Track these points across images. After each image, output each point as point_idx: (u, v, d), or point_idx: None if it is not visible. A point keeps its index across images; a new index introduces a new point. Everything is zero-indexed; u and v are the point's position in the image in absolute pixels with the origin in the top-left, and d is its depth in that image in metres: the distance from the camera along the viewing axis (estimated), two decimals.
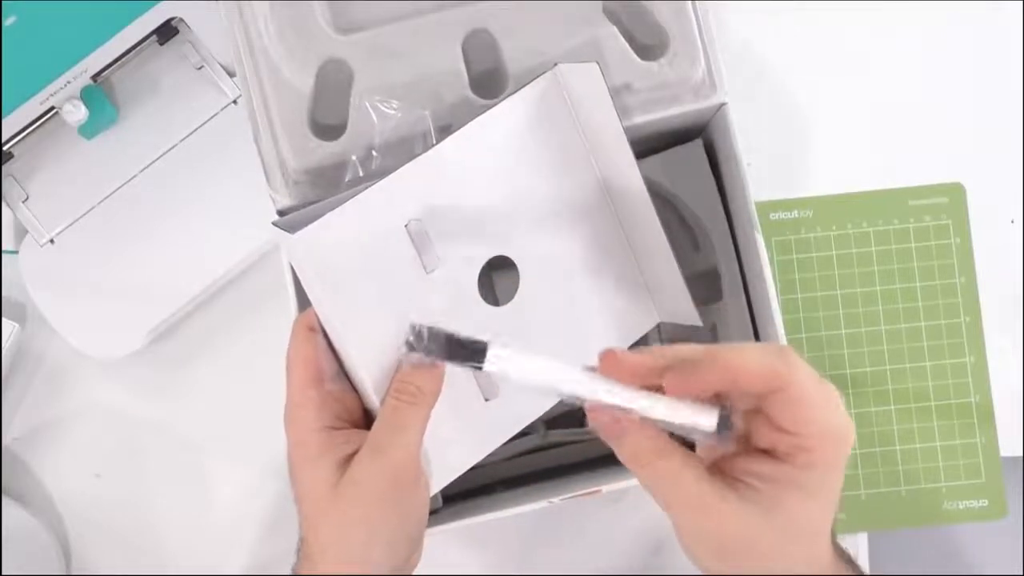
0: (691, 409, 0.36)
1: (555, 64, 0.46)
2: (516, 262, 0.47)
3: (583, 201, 0.49)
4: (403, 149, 0.49)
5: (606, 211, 0.49)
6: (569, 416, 0.56)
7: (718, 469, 0.38)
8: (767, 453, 0.37)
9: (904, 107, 0.65)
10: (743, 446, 0.38)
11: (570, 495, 0.50)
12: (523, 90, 0.46)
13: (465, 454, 0.47)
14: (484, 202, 0.46)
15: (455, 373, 0.45)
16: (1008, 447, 0.63)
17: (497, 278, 0.51)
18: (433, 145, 0.45)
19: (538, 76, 0.46)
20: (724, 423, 0.36)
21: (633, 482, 0.55)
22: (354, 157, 0.49)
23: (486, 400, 0.47)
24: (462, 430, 0.46)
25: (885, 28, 0.66)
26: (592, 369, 0.37)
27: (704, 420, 0.36)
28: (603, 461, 0.58)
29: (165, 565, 0.62)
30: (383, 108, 0.49)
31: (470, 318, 0.46)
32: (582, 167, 0.48)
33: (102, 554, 0.63)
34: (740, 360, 0.35)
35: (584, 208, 0.49)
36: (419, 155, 0.44)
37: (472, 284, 0.46)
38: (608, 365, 0.37)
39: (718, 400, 0.37)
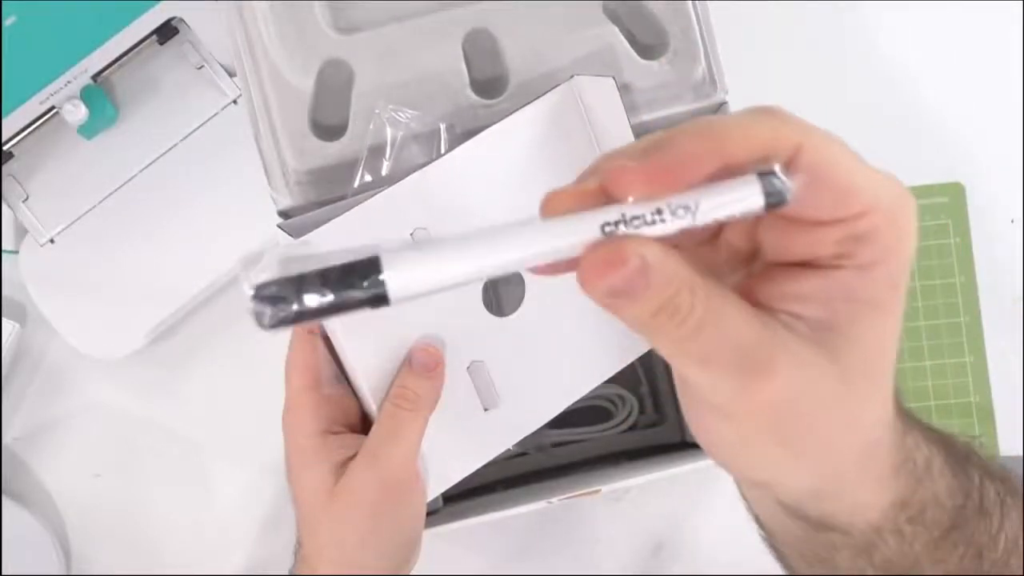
0: (705, 194, 0.23)
1: (571, 76, 0.46)
2: (521, 273, 0.47)
3: None
4: (413, 154, 0.49)
5: None
6: (569, 416, 0.56)
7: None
8: (805, 266, 0.26)
9: (904, 107, 0.65)
10: (758, 267, 0.28)
11: (570, 495, 0.50)
12: (537, 101, 0.46)
13: (462, 463, 0.47)
14: (491, 211, 0.46)
15: (454, 383, 0.45)
16: (1008, 447, 0.63)
17: (502, 288, 0.51)
18: (444, 153, 0.45)
19: (553, 87, 0.46)
20: (773, 187, 0.24)
21: (633, 482, 0.55)
22: (362, 162, 0.49)
23: (485, 410, 0.47)
24: (460, 439, 0.46)
25: (885, 28, 0.65)
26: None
27: (743, 193, 0.23)
28: (603, 461, 0.58)
29: (165, 565, 0.62)
30: (396, 117, 0.48)
31: (474, 328, 0.46)
32: None
33: (102, 554, 0.62)
34: (723, 121, 0.25)
35: None
36: (429, 162, 0.44)
37: (476, 294, 0.46)
38: (556, 205, 0.24)
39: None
